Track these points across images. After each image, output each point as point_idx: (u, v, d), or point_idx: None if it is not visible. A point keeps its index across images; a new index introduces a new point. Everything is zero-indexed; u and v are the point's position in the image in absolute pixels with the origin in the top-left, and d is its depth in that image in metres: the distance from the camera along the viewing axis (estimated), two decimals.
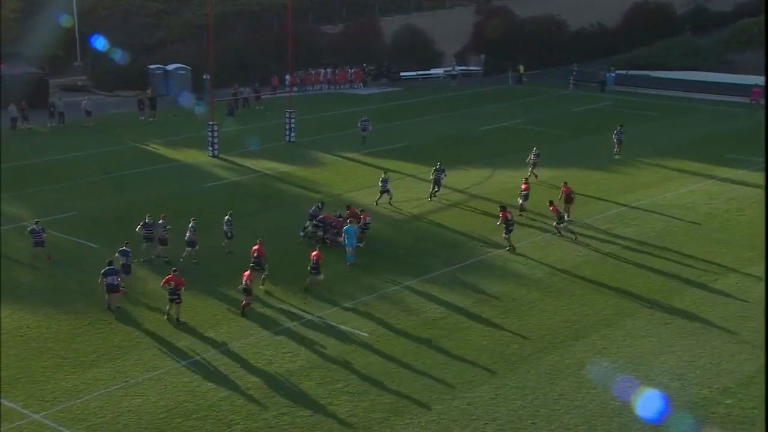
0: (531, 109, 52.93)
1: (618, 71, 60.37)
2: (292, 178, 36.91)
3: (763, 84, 53.54)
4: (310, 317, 23.22)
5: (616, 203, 33.31)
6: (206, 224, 30.67)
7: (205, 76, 51.64)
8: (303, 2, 62.39)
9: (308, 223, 29.06)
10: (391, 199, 32.48)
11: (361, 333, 22.32)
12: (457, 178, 35.70)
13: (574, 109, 53.23)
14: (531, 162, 36.57)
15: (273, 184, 36.16)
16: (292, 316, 23.27)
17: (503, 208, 28.72)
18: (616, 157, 40.40)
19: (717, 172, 37.48)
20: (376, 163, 39.34)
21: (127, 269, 24.83)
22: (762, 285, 25.34)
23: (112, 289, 23.48)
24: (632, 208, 32.76)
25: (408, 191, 34.58)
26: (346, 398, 19.25)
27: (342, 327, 22.65)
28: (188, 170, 38.70)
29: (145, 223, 27.04)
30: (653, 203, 33.39)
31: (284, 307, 23.85)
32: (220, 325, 22.75)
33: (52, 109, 47.07)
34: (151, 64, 56.07)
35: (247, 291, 23.34)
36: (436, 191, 33.55)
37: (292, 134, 43.93)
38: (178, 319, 22.78)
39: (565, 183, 31.38)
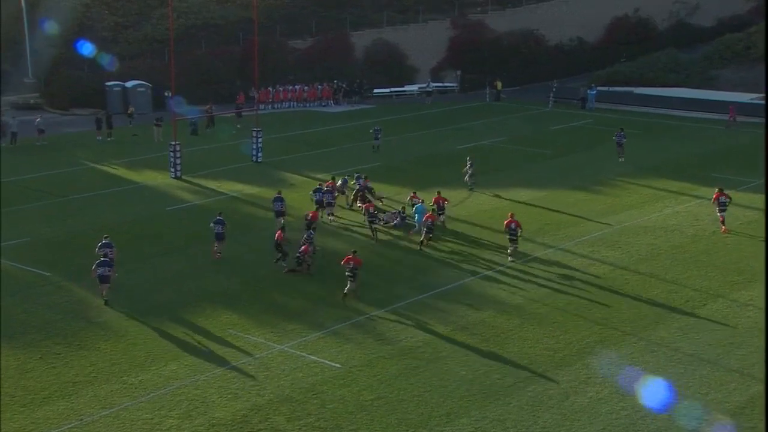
0: (509, 127, 53.37)
1: (599, 88, 61.15)
2: (259, 201, 36.79)
3: (738, 101, 54.57)
4: (278, 348, 23.06)
5: (598, 225, 33.58)
6: (167, 251, 30.52)
7: (166, 93, 51.53)
8: (270, 15, 62.64)
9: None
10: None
11: (333, 364, 22.19)
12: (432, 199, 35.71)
13: (554, 126, 53.77)
14: (467, 172, 38.40)
15: (240, 208, 36.01)
16: (260, 347, 23.09)
17: (438, 193, 33.13)
18: (620, 160, 42.95)
19: (702, 192, 37.94)
20: None
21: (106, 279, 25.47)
22: (750, 311, 25.62)
23: (103, 279, 25.30)
24: (615, 230, 33.03)
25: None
26: None
27: (312, 357, 22.52)
28: (149, 192, 38.46)
29: (104, 244, 26.83)
30: (637, 225, 33.70)
31: (251, 337, 23.67)
32: (183, 357, 22.51)
33: (2, 128, 46.59)
34: (108, 81, 55.84)
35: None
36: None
37: (260, 154, 43.89)
38: (345, 295, 25.68)
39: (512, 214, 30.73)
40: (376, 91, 62.86)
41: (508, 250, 29.93)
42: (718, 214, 32.80)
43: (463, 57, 66.04)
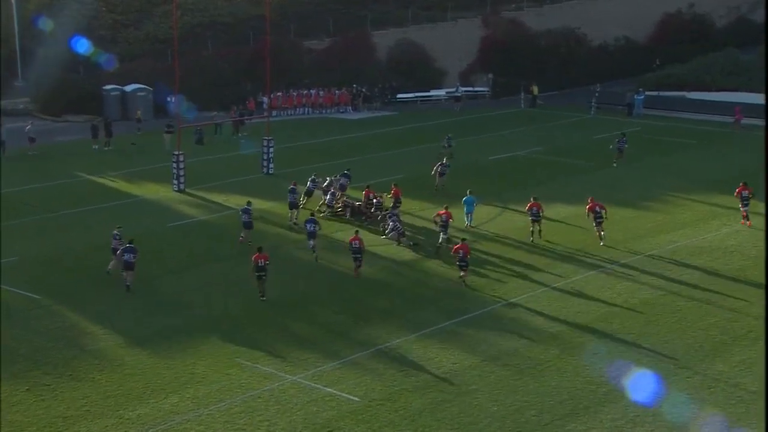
0: (547, 136, 53.31)
1: (647, 92, 60.95)
2: (271, 217, 36.95)
3: (743, 102, 54.30)
4: (290, 379, 23.09)
5: (647, 245, 33.40)
6: (169, 271, 30.69)
7: (169, 99, 51.98)
8: (283, 13, 63.08)
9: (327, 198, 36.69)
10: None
11: (351, 397, 22.19)
12: (462, 215, 35.72)
13: (597, 135, 53.61)
14: (438, 172, 40.20)
15: None
16: (270, 378, 23.12)
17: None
18: (614, 165, 44.84)
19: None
20: None
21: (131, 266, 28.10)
22: None
23: (128, 266, 27.91)
24: (666, 251, 32.84)
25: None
26: None
27: (328, 390, 22.52)
28: (149, 207, 38.75)
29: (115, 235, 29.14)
30: (691, 245, 33.50)
31: (261, 367, 23.72)
32: (185, 389, 22.58)
33: (1, 136, 47.06)
34: (106, 85, 56.40)
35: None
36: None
37: (271, 166, 44.13)
38: (464, 281, 28.96)
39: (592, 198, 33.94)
40: (399, 96, 63.04)
41: (600, 234, 32.92)
42: (741, 208, 35.42)
43: (495, 59, 66.12)
